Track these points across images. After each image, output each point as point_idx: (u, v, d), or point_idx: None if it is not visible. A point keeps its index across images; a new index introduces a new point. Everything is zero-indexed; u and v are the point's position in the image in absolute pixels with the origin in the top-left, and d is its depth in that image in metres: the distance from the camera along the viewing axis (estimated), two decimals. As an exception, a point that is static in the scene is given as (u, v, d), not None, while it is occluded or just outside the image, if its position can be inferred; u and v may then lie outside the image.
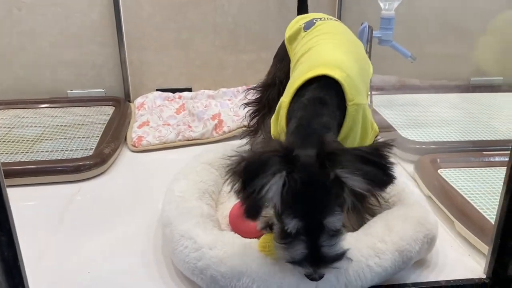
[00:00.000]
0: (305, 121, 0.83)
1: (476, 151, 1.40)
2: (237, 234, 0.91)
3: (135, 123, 1.66)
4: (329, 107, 0.85)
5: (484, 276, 0.89)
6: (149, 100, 1.82)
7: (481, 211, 1.06)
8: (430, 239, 0.90)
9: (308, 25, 1.12)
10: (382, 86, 1.95)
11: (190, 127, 1.62)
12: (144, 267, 0.94)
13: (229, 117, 1.64)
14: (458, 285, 0.88)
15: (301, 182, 0.70)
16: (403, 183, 1.05)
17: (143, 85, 1.95)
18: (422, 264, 0.93)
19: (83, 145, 1.46)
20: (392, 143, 0.73)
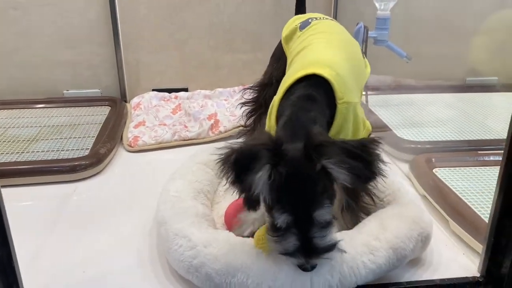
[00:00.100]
0: (294, 116, 0.84)
1: (471, 151, 1.41)
2: (232, 233, 0.91)
3: (131, 123, 1.66)
4: (318, 103, 0.86)
5: (478, 274, 0.90)
6: (145, 100, 1.83)
7: (475, 210, 1.07)
8: (424, 238, 0.91)
9: (303, 25, 1.13)
10: (377, 86, 1.96)
11: (186, 127, 1.62)
12: (139, 266, 0.94)
13: (225, 117, 1.64)
14: (452, 283, 0.89)
15: (286, 175, 0.70)
16: (398, 183, 1.05)
17: (139, 85, 1.95)
18: (416, 262, 0.93)
19: (79, 145, 1.46)
20: (380, 140, 0.73)
